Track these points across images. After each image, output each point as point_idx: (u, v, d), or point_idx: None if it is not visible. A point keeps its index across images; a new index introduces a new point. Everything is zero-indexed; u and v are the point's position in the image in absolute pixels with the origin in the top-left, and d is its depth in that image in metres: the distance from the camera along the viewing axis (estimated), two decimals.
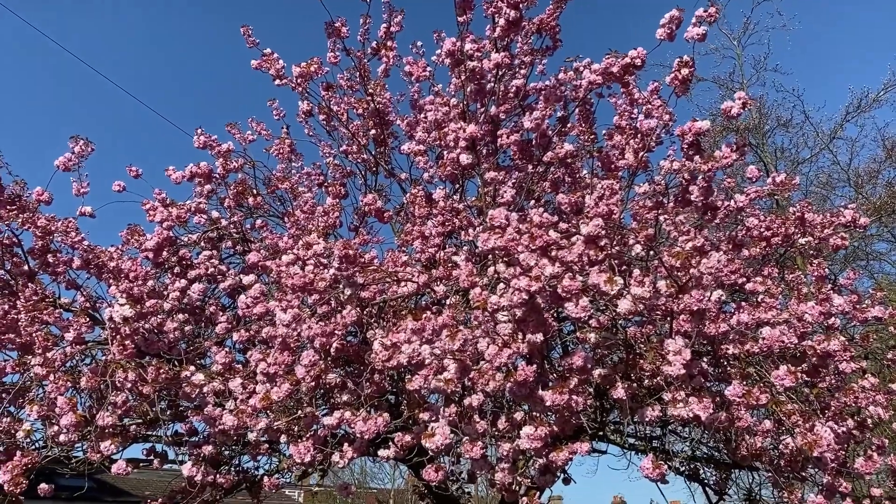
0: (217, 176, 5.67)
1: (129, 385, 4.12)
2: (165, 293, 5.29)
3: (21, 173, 5.34)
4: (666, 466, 3.63)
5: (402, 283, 4.50)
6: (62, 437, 4.07)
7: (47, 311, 4.65)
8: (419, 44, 6.41)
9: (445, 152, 5.09)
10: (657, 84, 4.76)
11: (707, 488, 5.61)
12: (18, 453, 4.22)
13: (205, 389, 4.50)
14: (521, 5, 4.68)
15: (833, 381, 4.48)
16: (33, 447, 4.64)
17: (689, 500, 15.53)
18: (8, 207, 4.92)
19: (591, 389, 4.66)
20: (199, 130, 5.77)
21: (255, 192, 5.92)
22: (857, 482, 4.84)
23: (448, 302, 4.47)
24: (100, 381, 4.22)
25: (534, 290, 3.31)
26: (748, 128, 16.45)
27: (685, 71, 3.81)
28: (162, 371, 4.24)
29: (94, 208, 5.43)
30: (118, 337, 4.16)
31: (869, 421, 4.56)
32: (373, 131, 6.12)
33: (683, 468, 5.50)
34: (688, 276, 3.42)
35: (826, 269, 5.10)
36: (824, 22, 36.45)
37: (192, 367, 4.59)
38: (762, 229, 5.01)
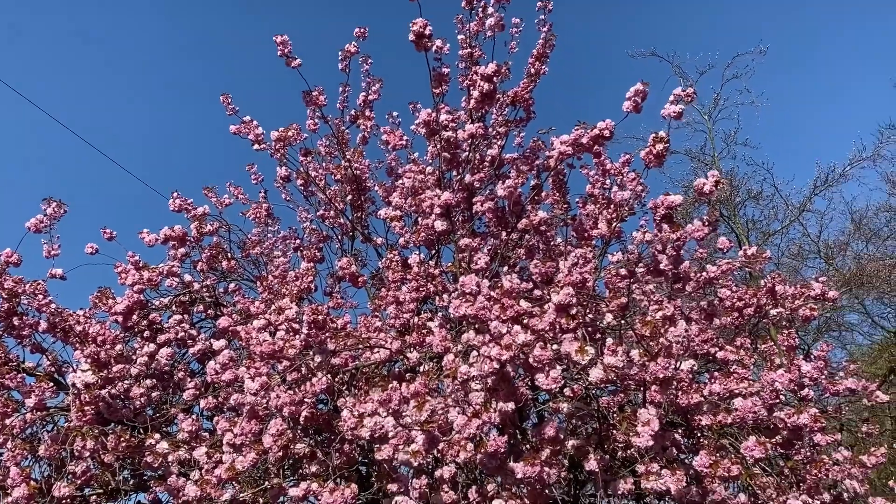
0: (191, 239, 5.64)
1: (87, 454, 3.98)
2: (134, 358, 5.18)
3: None
4: None
5: (375, 350, 4.44)
6: None
7: (10, 375, 4.51)
8: (395, 114, 6.55)
9: (421, 219, 5.13)
10: (629, 156, 4.88)
11: None
12: None
13: (169, 458, 4.35)
14: (494, 78, 4.81)
15: (808, 454, 4.45)
16: None
17: None
18: None
19: (566, 461, 4.58)
20: (175, 194, 5.78)
21: (229, 255, 5.89)
22: None
23: (422, 369, 4.41)
24: (59, 450, 4.08)
25: (504, 358, 3.28)
26: (720, 200, 16.78)
27: (660, 146, 3.88)
28: (123, 439, 4.10)
29: (65, 270, 5.34)
30: (78, 403, 4.04)
31: (845, 495, 4.52)
32: (350, 196, 6.17)
33: None
34: (657, 344, 3.41)
35: (796, 340, 5.14)
36: (792, 98, 37.85)
37: (158, 435, 4.45)
38: (734, 300, 5.07)
